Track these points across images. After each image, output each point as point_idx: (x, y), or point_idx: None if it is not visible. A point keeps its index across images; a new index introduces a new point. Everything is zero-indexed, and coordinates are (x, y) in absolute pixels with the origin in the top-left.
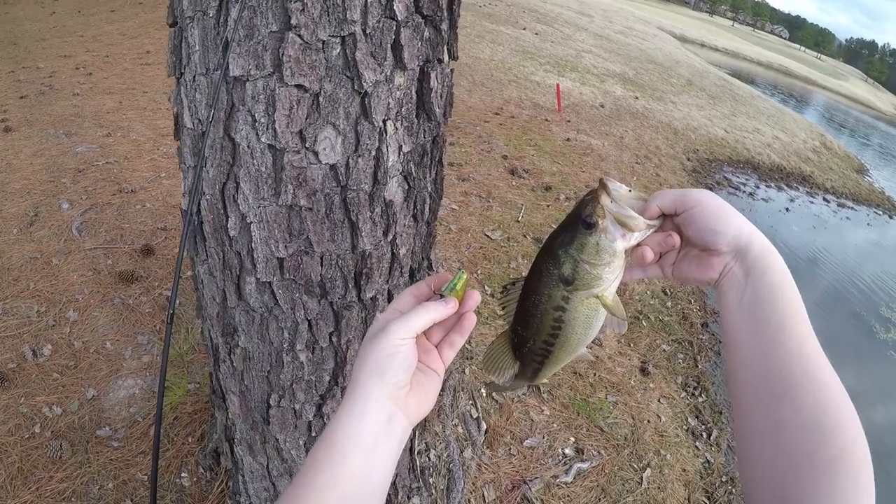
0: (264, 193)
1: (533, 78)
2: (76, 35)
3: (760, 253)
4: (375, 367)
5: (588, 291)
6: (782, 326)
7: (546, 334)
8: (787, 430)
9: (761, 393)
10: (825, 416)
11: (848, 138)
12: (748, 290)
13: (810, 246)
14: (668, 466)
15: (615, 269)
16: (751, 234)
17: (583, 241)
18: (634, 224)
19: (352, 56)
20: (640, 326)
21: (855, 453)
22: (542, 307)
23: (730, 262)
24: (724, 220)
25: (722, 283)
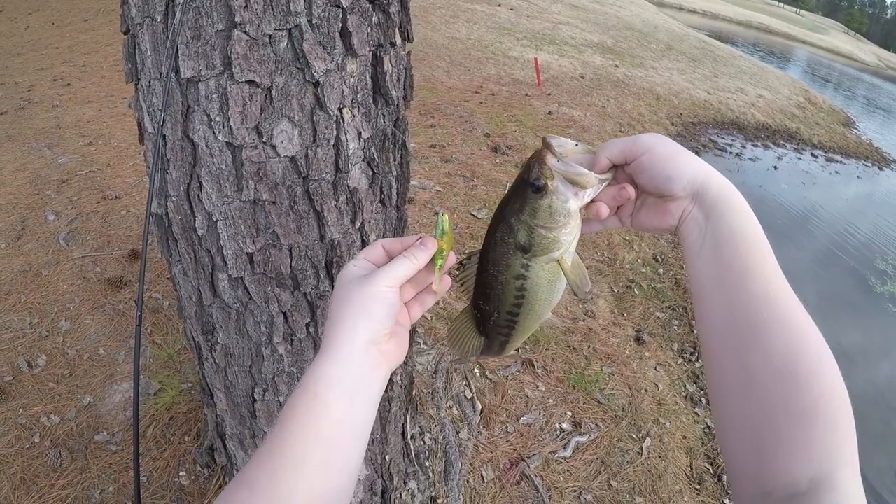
0: (227, 191)
1: (511, 54)
2: (52, 47)
3: (718, 193)
4: (362, 310)
5: (548, 256)
6: (746, 269)
7: (510, 305)
8: (758, 379)
9: (729, 341)
10: (798, 362)
11: (832, 92)
12: (709, 233)
13: (801, 203)
14: (667, 434)
15: (572, 230)
16: (706, 175)
17: (534, 205)
18: (585, 180)
19: (300, 48)
20: (633, 295)
21: (832, 401)
22: (502, 278)
23: (688, 207)
24: (677, 164)
25: (682, 229)
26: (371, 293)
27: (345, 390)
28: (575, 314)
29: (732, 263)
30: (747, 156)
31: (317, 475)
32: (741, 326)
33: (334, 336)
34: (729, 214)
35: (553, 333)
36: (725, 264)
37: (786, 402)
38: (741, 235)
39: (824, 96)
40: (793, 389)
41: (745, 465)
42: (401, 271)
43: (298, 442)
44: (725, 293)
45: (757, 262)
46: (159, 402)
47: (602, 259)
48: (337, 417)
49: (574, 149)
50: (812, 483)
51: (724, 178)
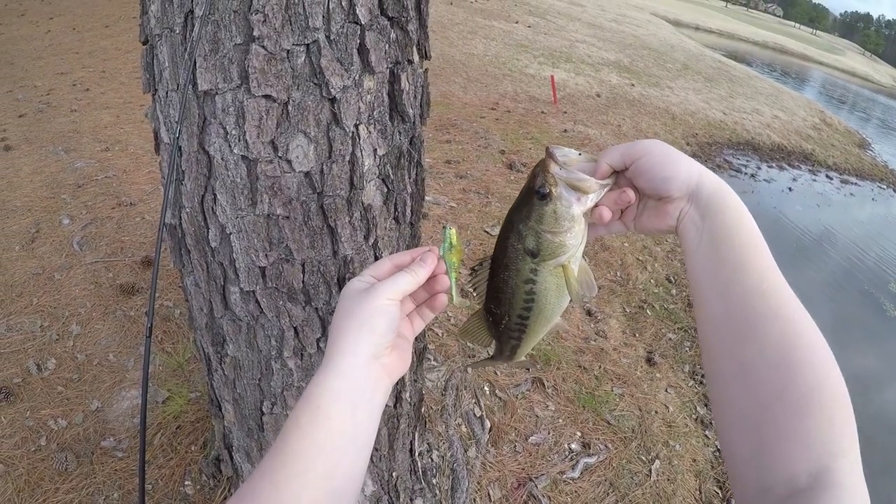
0: (241, 204)
1: (527, 71)
2: (72, 52)
3: (713, 192)
4: (364, 324)
5: (556, 261)
6: (740, 264)
7: (520, 308)
8: (754, 370)
9: (724, 333)
10: (792, 353)
11: (848, 113)
12: (705, 231)
13: (816, 225)
14: (677, 457)
15: (577, 234)
16: (700, 175)
17: (540, 212)
18: (587, 186)
19: (317, 63)
20: (645, 315)
21: (827, 389)
22: (512, 283)
23: (685, 207)
24: (672, 166)
25: (680, 229)
26: (373, 307)
27: (347, 402)
28: (587, 334)
29: (727, 258)
30: (762, 177)
31: (320, 485)
32: (736, 319)
33: (337, 349)
34: (723, 212)
35: (564, 353)
36: (721, 260)
37: (780, 392)
38: (735, 231)
39: (840, 118)
40: (787, 380)
41: (744, 459)
42: (401, 285)
43: (302, 453)
44: (721, 287)
45: (751, 257)
46: (167, 411)
47: (615, 279)
48: (339, 428)
49: (577, 158)
50: (811, 478)
51: (718, 178)
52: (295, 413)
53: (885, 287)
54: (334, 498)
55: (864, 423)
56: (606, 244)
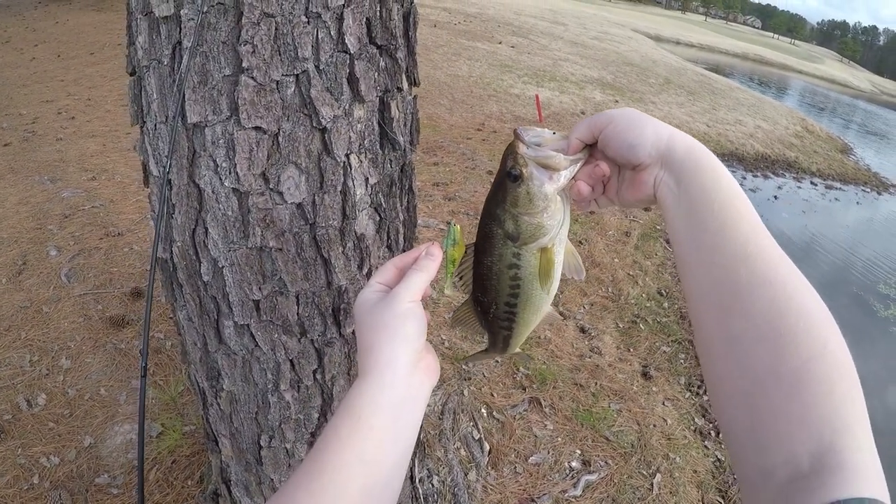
0: (233, 237)
1: (512, 91)
2: (57, 80)
3: (685, 154)
4: (396, 333)
5: (537, 243)
6: (722, 229)
7: (507, 295)
8: (743, 342)
9: (711, 305)
10: (783, 321)
11: (829, 120)
12: (682, 196)
13: (803, 231)
14: (678, 469)
15: (554, 213)
16: (670, 137)
17: (514, 194)
18: (556, 163)
19: (307, 93)
20: (639, 330)
21: (824, 359)
22: (496, 268)
23: (659, 173)
24: (638, 131)
25: (658, 196)
26: (399, 313)
27: (390, 414)
28: (581, 351)
29: (708, 224)
30: (748, 186)
31: (358, 499)
32: (721, 289)
33: (374, 362)
34: (699, 174)
35: (560, 371)
36: (701, 226)
37: (773, 365)
38: (714, 193)
39: (821, 124)
40: (779, 352)
41: (740, 441)
42: (418, 284)
43: (341, 465)
44: (703, 255)
45: (733, 220)
46: (162, 445)
47: (607, 295)
48: (381, 440)
49: (552, 137)
50: (813, 459)
51: (691, 139)
52: (334, 424)
53: (874, 288)
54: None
55: None
56: (597, 260)
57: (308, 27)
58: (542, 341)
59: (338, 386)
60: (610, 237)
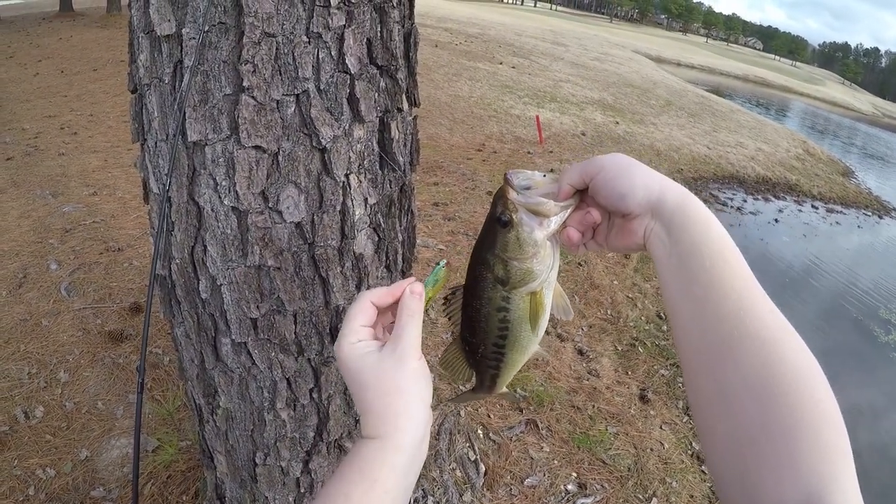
0: (232, 255)
1: (513, 111)
2: (60, 95)
3: (676, 206)
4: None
5: (526, 287)
6: (713, 283)
7: (495, 337)
8: (734, 396)
9: (703, 358)
10: (772, 375)
11: (831, 142)
12: (672, 248)
13: (803, 255)
14: (674, 494)
15: (544, 259)
16: (661, 188)
17: (503, 239)
18: (546, 209)
19: (307, 113)
20: (637, 353)
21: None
22: (484, 311)
23: (649, 223)
24: (629, 181)
25: (648, 245)
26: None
27: (403, 473)
28: (579, 373)
29: (699, 278)
30: (748, 209)
31: None
32: (713, 342)
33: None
34: (690, 226)
35: (557, 393)
36: (692, 279)
37: (763, 419)
38: (705, 247)
39: (822, 147)
40: (770, 406)
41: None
42: (416, 335)
43: None
44: (694, 309)
45: (724, 274)
46: (157, 460)
47: (606, 317)
48: (393, 499)
49: (542, 180)
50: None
51: (682, 189)
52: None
53: (875, 314)
54: None
55: (861, 450)
56: (596, 282)
57: (309, 47)
58: (539, 363)
59: (334, 405)
60: (609, 259)
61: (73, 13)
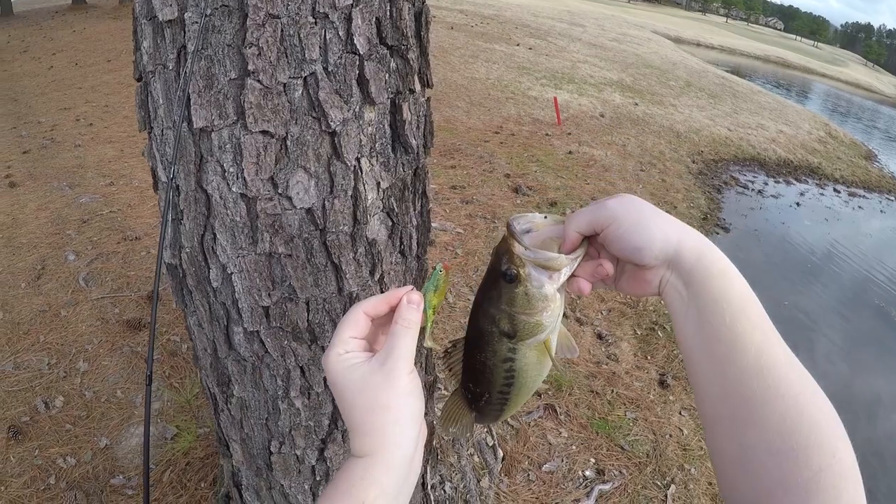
0: (241, 243)
1: (530, 93)
2: (75, 87)
3: (695, 259)
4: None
5: (535, 339)
6: (734, 342)
7: (500, 385)
8: (755, 455)
9: (723, 415)
10: (795, 435)
11: (853, 125)
12: (691, 302)
13: (825, 239)
14: (693, 481)
15: (554, 311)
16: (679, 240)
17: (510, 295)
18: (557, 264)
19: (315, 96)
20: (657, 337)
21: (834, 470)
22: (489, 363)
23: (665, 274)
24: (644, 233)
25: (664, 296)
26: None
27: (394, 492)
28: (598, 358)
29: (720, 335)
30: (769, 192)
31: None
32: (734, 400)
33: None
34: (709, 280)
35: (576, 378)
36: (713, 336)
37: (784, 478)
38: (725, 303)
39: (845, 130)
40: (791, 465)
41: None
42: (409, 349)
43: None
44: (715, 366)
45: (746, 331)
46: (176, 447)
47: (625, 301)
48: None
49: (543, 221)
50: None
51: (701, 239)
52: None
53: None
54: None
55: (880, 439)
56: None
57: (315, 28)
58: None
59: None
60: None
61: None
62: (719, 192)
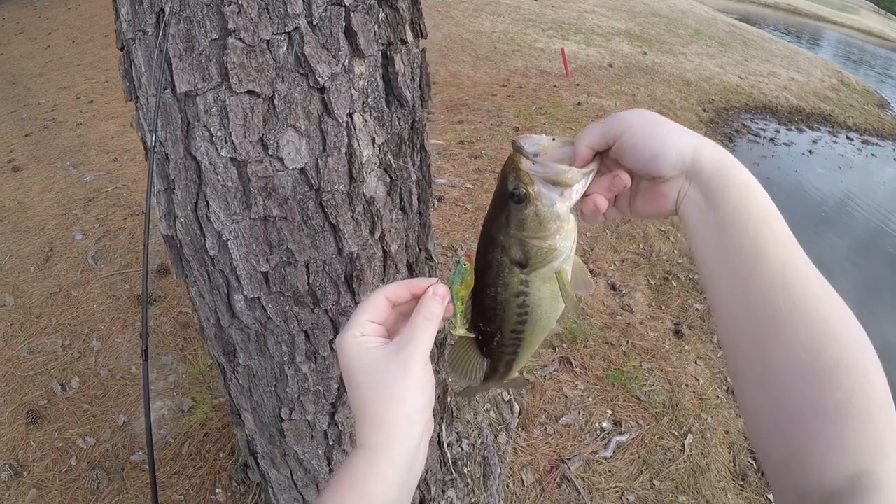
0: (235, 208)
1: (537, 45)
2: (73, 65)
3: (714, 168)
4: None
5: (549, 267)
6: (758, 253)
7: (513, 323)
8: (781, 374)
9: (745, 333)
10: (824, 354)
11: (865, 73)
12: (710, 214)
13: (838, 188)
14: (710, 430)
15: (568, 234)
16: (696, 148)
17: (520, 217)
18: (568, 178)
19: (301, 52)
20: (671, 287)
21: (867, 393)
22: (501, 298)
23: (683, 186)
24: (660, 140)
25: (681, 211)
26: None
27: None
28: (612, 309)
29: (742, 247)
30: (781, 140)
31: None
32: (757, 316)
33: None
34: (730, 190)
35: (590, 329)
36: (734, 248)
37: (812, 399)
38: (747, 213)
39: (857, 77)
40: (820, 385)
41: (777, 466)
42: (427, 341)
43: None
44: (737, 280)
45: (769, 243)
46: (193, 419)
47: (638, 251)
48: None
49: (552, 144)
50: (850, 482)
51: (719, 148)
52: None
53: None
54: None
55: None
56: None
57: None
58: None
59: None
60: None
61: None
62: (731, 140)
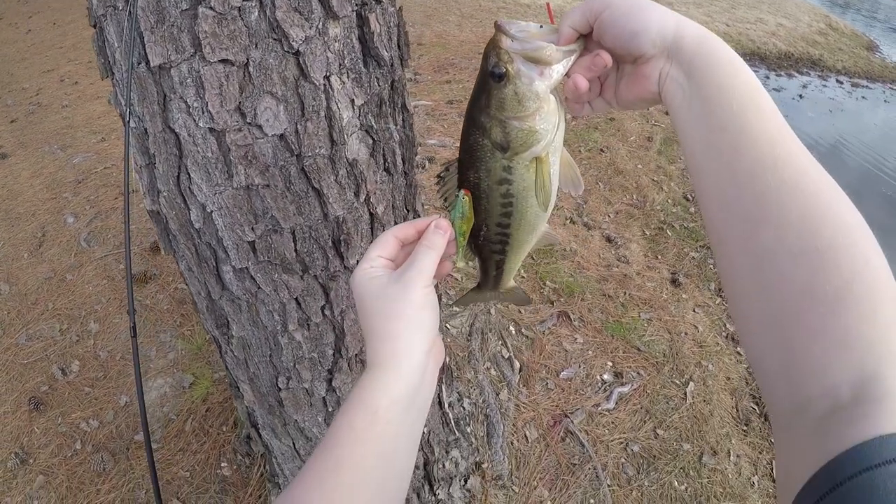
0: (217, 179)
1: (522, 1)
2: (55, 48)
3: (696, 45)
4: (411, 322)
5: (531, 152)
6: (743, 130)
7: (498, 215)
8: (774, 260)
9: (734, 215)
10: (820, 235)
11: (853, 16)
12: (694, 93)
13: (829, 131)
14: (711, 377)
15: (548, 116)
16: (677, 24)
17: (500, 96)
18: (547, 55)
19: (273, 17)
20: (666, 237)
21: (865, 279)
22: (484, 185)
23: (664, 66)
24: (640, 16)
25: (664, 93)
26: (415, 301)
27: (405, 405)
28: (608, 261)
29: (727, 125)
30: (771, 86)
31: (375, 495)
32: (746, 198)
33: (391, 353)
34: (713, 68)
35: (587, 282)
36: (719, 127)
37: (809, 285)
38: (731, 91)
39: (845, 21)
40: (816, 270)
41: (773, 371)
42: (430, 266)
43: (358, 462)
44: (723, 161)
45: (755, 120)
46: (195, 395)
47: (632, 202)
48: (396, 433)
49: (538, 31)
50: (855, 388)
51: (700, 27)
52: (349, 417)
53: None
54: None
55: None
56: (619, 168)
57: None
58: (567, 253)
59: (348, 319)
60: (632, 143)
61: None
62: None
